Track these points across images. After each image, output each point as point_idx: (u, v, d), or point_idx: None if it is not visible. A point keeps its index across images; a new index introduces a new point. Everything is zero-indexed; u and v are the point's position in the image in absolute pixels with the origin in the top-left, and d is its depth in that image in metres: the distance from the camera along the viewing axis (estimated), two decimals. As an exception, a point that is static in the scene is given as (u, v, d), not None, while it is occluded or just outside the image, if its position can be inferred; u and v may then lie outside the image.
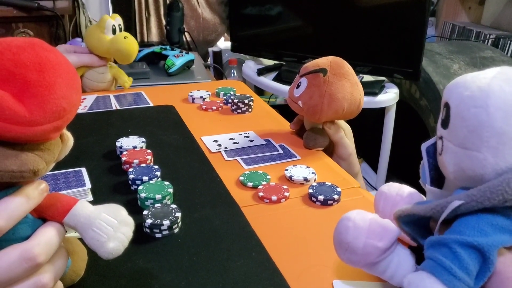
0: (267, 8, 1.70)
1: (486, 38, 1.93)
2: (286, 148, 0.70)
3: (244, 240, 0.48)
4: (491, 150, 0.33)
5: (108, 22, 0.90)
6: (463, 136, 0.34)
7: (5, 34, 1.57)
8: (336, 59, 0.68)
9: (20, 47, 0.30)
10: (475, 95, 0.33)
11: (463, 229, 0.33)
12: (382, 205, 0.46)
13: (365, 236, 0.36)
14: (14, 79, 0.30)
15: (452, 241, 0.32)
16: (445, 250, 0.32)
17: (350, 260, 0.38)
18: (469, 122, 0.33)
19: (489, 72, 0.35)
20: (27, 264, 0.32)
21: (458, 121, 0.34)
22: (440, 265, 0.32)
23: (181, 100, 0.90)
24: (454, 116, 0.34)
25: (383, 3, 1.48)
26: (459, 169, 0.35)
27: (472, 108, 0.33)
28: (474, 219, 0.33)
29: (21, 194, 0.32)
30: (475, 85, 0.34)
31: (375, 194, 0.47)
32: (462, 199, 0.33)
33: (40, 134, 0.31)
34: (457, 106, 0.34)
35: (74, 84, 0.33)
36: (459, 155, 0.34)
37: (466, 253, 0.32)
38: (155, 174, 0.58)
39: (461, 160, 0.34)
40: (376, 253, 0.36)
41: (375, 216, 0.38)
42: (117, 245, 0.35)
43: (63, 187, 0.56)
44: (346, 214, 0.38)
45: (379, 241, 0.36)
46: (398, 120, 1.56)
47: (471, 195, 0.33)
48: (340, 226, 0.38)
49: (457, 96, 0.35)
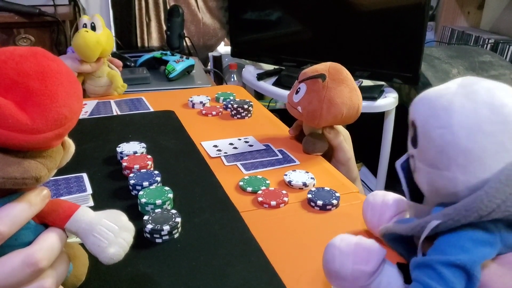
0: (267, 13, 1.71)
1: (485, 43, 1.94)
2: (285, 153, 0.70)
3: (243, 245, 0.48)
4: (460, 168, 0.33)
5: (80, 21, 0.90)
6: (432, 156, 0.34)
7: (6, 40, 1.58)
8: (334, 65, 0.68)
9: (22, 56, 0.31)
10: (438, 115, 0.34)
11: (444, 247, 0.33)
12: (370, 215, 0.46)
13: (352, 262, 0.36)
14: (17, 88, 0.30)
15: (435, 262, 0.33)
16: (430, 272, 0.33)
17: (341, 286, 0.38)
18: (436, 142, 0.34)
19: (451, 87, 0.35)
20: (30, 269, 0.32)
21: (426, 142, 0.34)
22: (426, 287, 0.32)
23: (181, 105, 0.91)
24: (421, 136, 0.35)
25: (382, 8, 1.49)
26: (433, 188, 0.35)
27: (437, 129, 0.34)
28: (454, 237, 0.33)
29: (24, 201, 0.33)
30: (438, 103, 0.34)
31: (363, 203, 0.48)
32: (439, 218, 0.33)
33: (42, 142, 0.31)
34: (423, 126, 0.35)
35: (76, 92, 0.33)
36: (430, 175, 0.35)
37: (450, 273, 0.32)
38: (155, 179, 0.58)
39: (433, 180, 0.35)
40: (365, 277, 0.36)
41: (359, 239, 0.38)
42: (118, 251, 0.35)
43: (64, 192, 0.56)
44: (332, 240, 0.38)
45: (365, 265, 0.36)
46: (398, 124, 1.57)
47: (447, 214, 0.33)
48: (327, 255, 0.38)
49: (422, 116, 0.35)
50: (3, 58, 0.30)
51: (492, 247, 0.33)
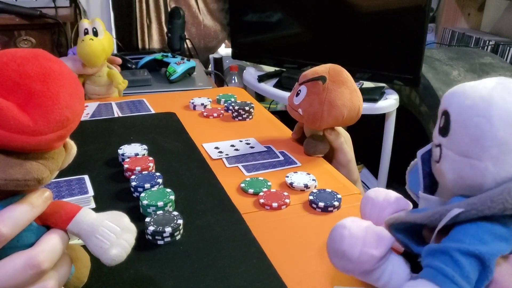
0: (267, 15, 1.71)
1: (485, 45, 1.94)
2: (287, 154, 0.70)
3: (245, 247, 0.48)
4: (492, 159, 0.33)
5: (81, 25, 0.90)
6: (464, 144, 0.34)
7: (7, 42, 1.58)
8: (334, 67, 0.68)
9: (24, 58, 0.31)
10: (477, 105, 0.34)
11: (462, 237, 0.33)
12: (369, 211, 0.46)
13: (361, 244, 0.36)
14: (18, 90, 0.30)
15: (453, 249, 0.32)
16: (445, 258, 0.32)
17: (344, 268, 0.38)
18: (471, 130, 0.33)
19: (487, 82, 0.35)
20: (32, 271, 0.32)
21: (460, 130, 0.34)
22: (441, 273, 0.32)
23: (183, 107, 0.91)
24: (455, 124, 0.35)
25: (383, 10, 1.49)
26: (458, 177, 0.35)
27: (475, 117, 0.33)
28: (473, 227, 0.33)
29: (26, 202, 0.33)
30: (476, 94, 0.34)
31: (362, 199, 0.47)
32: (462, 207, 0.33)
33: (44, 143, 0.31)
34: (458, 114, 0.35)
35: (77, 94, 0.33)
36: (459, 163, 0.34)
37: (467, 262, 0.32)
38: (157, 181, 0.58)
39: (461, 169, 0.34)
40: (372, 262, 0.36)
41: (370, 224, 0.38)
42: (120, 252, 0.35)
43: (66, 194, 0.56)
44: (341, 221, 0.38)
45: (374, 250, 0.36)
46: (398, 126, 1.57)
47: (472, 204, 0.33)
48: (335, 234, 0.38)
49: (457, 105, 0.35)
50: (4, 60, 0.30)
51: (508, 243, 0.33)
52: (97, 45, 0.88)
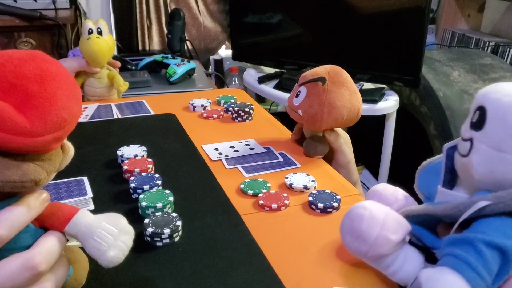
0: (267, 17, 1.71)
1: (485, 45, 1.94)
2: (286, 156, 0.70)
3: (244, 248, 0.48)
4: None
5: (85, 26, 0.90)
6: (499, 139, 0.34)
7: (7, 43, 1.59)
8: (334, 68, 0.68)
9: (21, 59, 0.31)
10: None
11: (486, 229, 0.33)
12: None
13: (380, 227, 0.36)
14: (15, 91, 0.30)
15: (477, 240, 0.32)
16: (468, 248, 0.32)
17: (358, 249, 0.37)
18: (508, 125, 0.34)
19: None
20: (29, 273, 0.32)
21: (496, 124, 0.35)
22: (464, 262, 0.32)
23: (182, 108, 0.91)
24: (492, 119, 0.35)
25: (383, 11, 1.49)
26: (489, 171, 0.35)
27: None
28: (497, 221, 0.33)
29: (23, 204, 0.33)
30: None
31: (366, 193, 0.47)
32: (489, 199, 0.33)
33: (41, 145, 0.31)
34: (496, 109, 0.35)
35: (75, 95, 0.33)
36: (491, 156, 0.34)
37: (490, 253, 0.32)
38: (156, 182, 0.58)
39: (493, 162, 0.34)
40: (388, 246, 0.36)
41: (390, 209, 0.38)
42: (117, 254, 0.35)
43: (65, 196, 0.56)
44: (361, 202, 0.38)
45: (393, 234, 0.36)
46: (399, 127, 1.57)
47: (500, 197, 0.33)
48: (354, 214, 0.37)
49: (495, 101, 0.35)
50: (1, 61, 0.30)
51: None
52: (104, 43, 0.89)
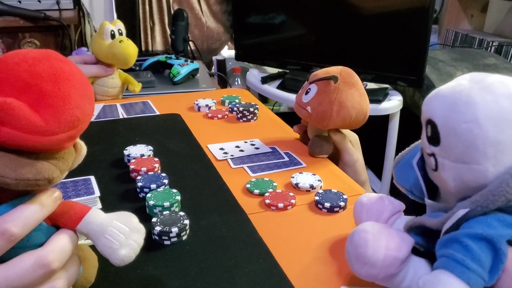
0: (270, 17, 1.72)
1: (489, 46, 1.94)
2: (292, 155, 0.70)
3: (251, 247, 0.49)
4: (491, 160, 0.33)
5: (107, 28, 0.91)
6: (459, 151, 0.34)
7: (12, 44, 1.59)
8: (346, 69, 0.68)
9: (35, 59, 0.31)
10: (461, 110, 0.34)
11: (471, 225, 0.33)
12: (366, 217, 0.45)
13: (385, 248, 0.36)
14: (30, 90, 0.30)
15: (461, 235, 0.33)
16: (455, 245, 0.33)
17: (368, 273, 0.37)
18: (463, 137, 0.34)
19: (463, 83, 0.35)
20: (42, 271, 0.32)
21: (451, 138, 0.34)
22: (452, 259, 0.33)
23: (187, 108, 0.91)
24: (444, 133, 0.35)
25: (387, 11, 1.49)
26: (461, 183, 0.35)
27: (463, 123, 0.33)
28: (480, 218, 0.34)
29: (36, 202, 0.33)
30: (457, 99, 0.34)
31: (354, 207, 0.47)
32: (467, 206, 0.34)
33: (55, 143, 0.31)
34: (445, 123, 0.35)
35: (88, 94, 0.34)
36: (458, 170, 0.35)
37: (476, 246, 0.32)
38: (163, 182, 0.58)
39: (462, 174, 0.34)
40: (396, 264, 0.36)
41: (388, 228, 0.38)
42: (129, 252, 0.35)
43: (72, 195, 0.57)
44: (360, 226, 0.38)
45: (398, 252, 0.36)
46: (402, 127, 1.57)
47: (475, 201, 0.33)
48: (358, 239, 0.37)
49: (442, 113, 0.35)
50: (16, 61, 0.31)
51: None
52: (134, 46, 0.91)
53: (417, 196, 0.43)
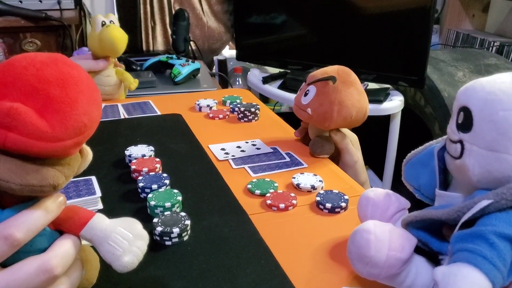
0: (272, 17, 1.72)
1: (490, 46, 1.93)
2: (293, 156, 0.71)
3: (253, 248, 0.49)
4: None
5: (98, 19, 0.90)
6: (491, 139, 0.34)
7: (13, 44, 1.59)
8: (343, 68, 0.68)
9: (43, 63, 0.31)
10: (501, 98, 0.34)
11: (494, 222, 0.33)
12: (371, 211, 0.45)
13: (387, 248, 0.36)
14: (37, 95, 0.30)
15: (489, 232, 0.32)
16: (480, 241, 0.32)
17: (370, 273, 0.37)
18: (498, 125, 0.33)
19: (503, 76, 0.35)
20: (45, 276, 0.32)
21: (486, 124, 0.34)
22: (480, 255, 0.32)
23: (188, 108, 0.91)
24: (479, 119, 0.35)
25: (388, 11, 1.49)
26: (485, 171, 0.35)
27: (501, 111, 0.33)
28: (503, 214, 0.33)
29: (40, 207, 0.33)
30: (496, 88, 0.34)
31: (359, 199, 0.47)
32: (490, 198, 0.33)
33: (61, 150, 0.31)
34: (481, 109, 0.34)
35: (95, 100, 0.33)
36: (486, 157, 0.34)
37: (502, 244, 0.32)
38: (164, 182, 0.58)
39: (488, 163, 0.34)
40: (398, 265, 0.36)
41: (391, 227, 0.38)
42: (132, 259, 0.35)
43: (73, 195, 0.57)
44: (362, 226, 0.38)
45: (401, 252, 0.36)
46: (403, 127, 1.57)
47: (501, 194, 0.33)
48: (360, 240, 0.37)
49: (479, 100, 0.35)
50: (24, 65, 0.30)
51: None
52: (121, 31, 0.89)
53: (424, 196, 0.43)
